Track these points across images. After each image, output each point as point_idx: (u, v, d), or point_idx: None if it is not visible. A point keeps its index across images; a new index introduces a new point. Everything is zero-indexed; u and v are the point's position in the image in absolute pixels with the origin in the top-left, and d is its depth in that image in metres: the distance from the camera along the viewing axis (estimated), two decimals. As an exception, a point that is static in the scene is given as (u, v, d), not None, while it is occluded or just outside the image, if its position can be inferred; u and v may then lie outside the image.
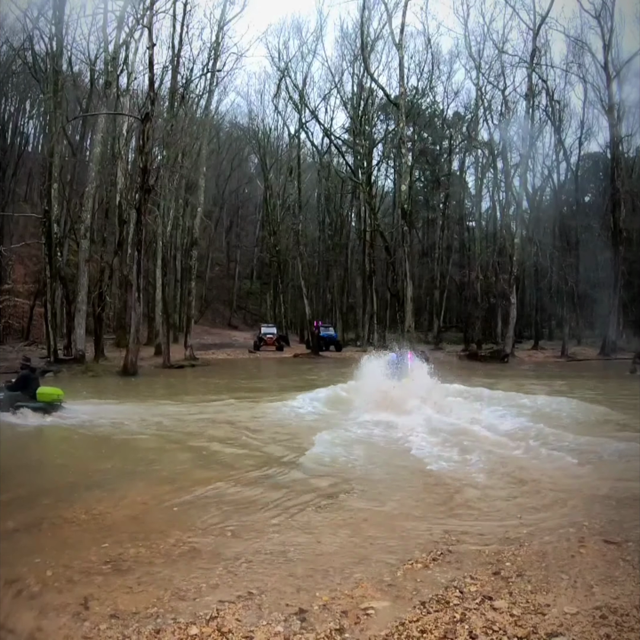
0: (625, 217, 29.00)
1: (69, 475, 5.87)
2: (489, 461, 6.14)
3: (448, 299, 40.74)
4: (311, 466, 6.04)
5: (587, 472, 5.70)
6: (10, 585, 3.10)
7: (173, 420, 9.25)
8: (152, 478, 5.67)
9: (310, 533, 4.05)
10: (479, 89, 33.43)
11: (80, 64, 28.21)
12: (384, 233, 32.54)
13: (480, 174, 38.17)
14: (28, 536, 3.97)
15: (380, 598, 2.94)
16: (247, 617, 2.75)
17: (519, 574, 3.19)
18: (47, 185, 20.58)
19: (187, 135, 24.80)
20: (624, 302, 30.06)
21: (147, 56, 19.23)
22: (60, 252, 20.55)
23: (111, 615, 2.77)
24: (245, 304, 50.38)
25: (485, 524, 4.20)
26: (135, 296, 18.79)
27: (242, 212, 54.15)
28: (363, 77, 34.93)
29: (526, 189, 32.47)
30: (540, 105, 32.04)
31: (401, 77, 28.52)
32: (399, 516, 4.44)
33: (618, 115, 29.86)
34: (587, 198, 42.38)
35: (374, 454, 6.75)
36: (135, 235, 19.77)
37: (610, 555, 3.41)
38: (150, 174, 19.04)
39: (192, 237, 27.17)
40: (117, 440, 7.73)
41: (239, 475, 5.76)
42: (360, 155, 35.11)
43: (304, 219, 38.39)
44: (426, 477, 5.64)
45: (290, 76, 35.48)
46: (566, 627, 2.58)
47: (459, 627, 2.62)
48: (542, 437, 7.27)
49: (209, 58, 27.23)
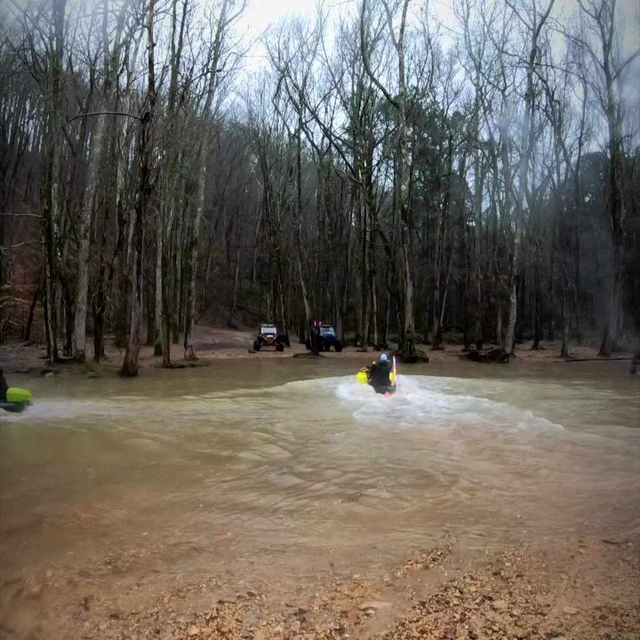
0: (625, 217, 29.02)
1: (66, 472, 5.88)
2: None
3: (448, 299, 40.75)
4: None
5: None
6: (10, 586, 3.10)
7: (177, 416, 9.26)
8: (153, 477, 5.68)
9: (310, 533, 4.06)
10: (479, 89, 33.49)
11: (80, 63, 28.25)
12: (384, 233, 32.56)
13: (480, 174, 38.24)
14: (28, 536, 3.97)
15: (380, 598, 2.94)
16: (247, 617, 2.75)
17: (518, 574, 3.19)
18: (47, 185, 20.56)
19: (187, 135, 24.80)
20: (624, 302, 30.05)
21: (147, 56, 19.24)
22: (60, 252, 20.53)
23: (111, 616, 2.77)
24: (245, 304, 50.43)
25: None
26: (135, 296, 18.80)
27: (242, 212, 54.19)
28: (363, 77, 35.04)
29: (526, 189, 32.51)
30: (540, 105, 32.12)
31: (401, 77, 28.56)
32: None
33: (618, 115, 29.90)
34: (587, 198, 42.43)
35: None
36: (135, 235, 19.77)
37: (610, 556, 3.41)
38: (150, 174, 19.04)
39: (192, 237, 27.19)
40: (120, 438, 7.74)
41: (238, 475, 5.77)
42: (360, 155, 35.15)
43: (304, 219, 38.39)
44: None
45: (290, 76, 35.57)
46: (566, 627, 2.58)
47: (458, 627, 2.62)
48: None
49: (209, 58, 27.28)
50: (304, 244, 36.60)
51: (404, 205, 28.08)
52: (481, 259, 34.76)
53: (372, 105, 37.09)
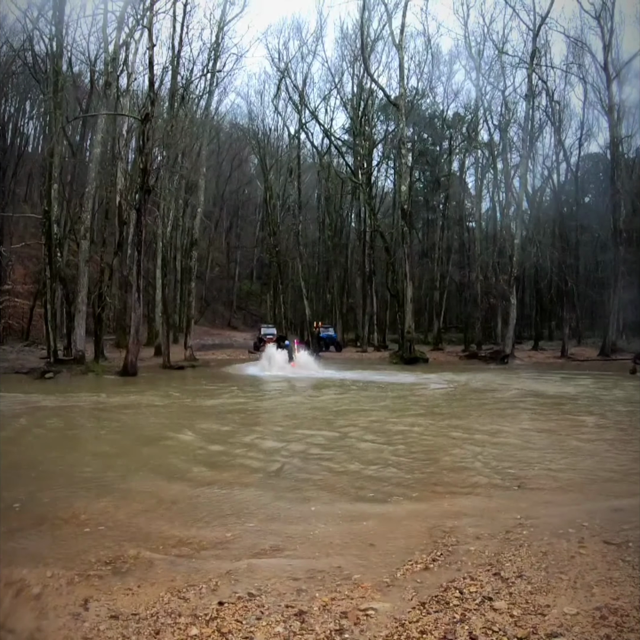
0: (625, 217, 29.00)
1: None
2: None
3: (448, 299, 40.71)
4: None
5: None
6: (10, 586, 3.10)
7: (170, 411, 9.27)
8: (153, 476, 5.68)
9: (310, 535, 4.06)
10: (479, 89, 33.44)
11: (81, 64, 28.33)
12: (383, 234, 32.54)
13: (480, 174, 38.24)
14: (28, 536, 3.97)
15: (380, 599, 2.94)
16: (247, 617, 2.75)
17: (518, 575, 3.19)
18: (47, 186, 20.56)
19: (187, 135, 24.82)
20: (624, 303, 30.04)
21: (147, 57, 19.27)
22: (60, 253, 20.53)
23: (111, 616, 2.77)
24: (245, 305, 50.43)
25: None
26: (135, 297, 18.81)
27: (242, 212, 54.19)
28: (363, 77, 34.97)
29: (526, 190, 32.47)
30: (540, 106, 32.09)
31: (401, 78, 28.52)
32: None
33: (618, 115, 29.89)
34: (587, 199, 42.40)
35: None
36: (135, 236, 19.78)
37: (610, 556, 3.41)
38: (150, 174, 19.06)
39: (192, 237, 27.19)
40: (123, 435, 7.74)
41: (235, 475, 5.77)
42: (360, 155, 35.14)
43: (304, 219, 38.42)
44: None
45: (290, 77, 35.57)
46: (566, 627, 2.58)
47: (458, 627, 2.62)
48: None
49: (208, 58, 27.28)
50: (304, 245, 36.60)
51: (403, 206, 28.07)
52: (481, 260, 34.73)
53: (372, 106, 37.05)
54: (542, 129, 34.33)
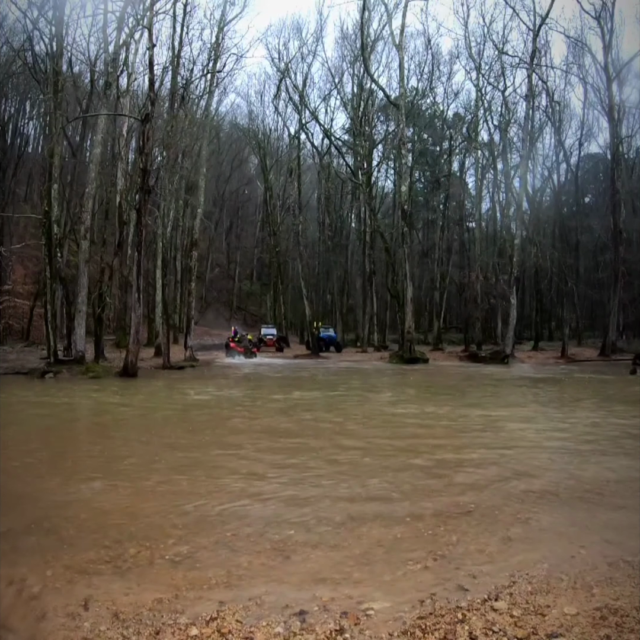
0: (625, 218, 29.04)
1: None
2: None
3: (448, 299, 40.72)
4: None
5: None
6: (10, 586, 3.10)
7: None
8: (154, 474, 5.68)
9: (310, 533, 4.06)
10: (479, 89, 33.49)
11: (81, 64, 28.26)
12: (384, 234, 32.54)
13: (481, 175, 38.25)
14: (28, 536, 3.97)
15: (380, 599, 2.94)
16: (247, 618, 2.75)
17: (518, 575, 3.19)
18: (47, 186, 20.54)
19: (187, 136, 24.82)
20: (624, 303, 30.06)
21: (147, 57, 19.21)
22: (60, 253, 20.51)
23: (111, 616, 2.77)
24: (245, 305, 50.42)
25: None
26: (135, 297, 18.78)
27: (242, 213, 54.21)
28: (363, 78, 34.99)
29: (526, 190, 32.47)
30: (540, 106, 32.16)
31: (401, 78, 28.50)
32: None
33: (618, 116, 29.93)
34: (587, 199, 42.47)
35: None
36: (135, 236, 19.77)
37: (610, 556, 3.41)
38: (150, 174, 19.04)
39: (192, 238, 27.16)
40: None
41: (232, 475, 5.78)
42: (360, 156, 35.15)
43: (304, 220, 38.36)
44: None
45: (290, 77, 35.51)
46: (566, 628, 2.58)
47: (459, 627, 2.62)
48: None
49: (209, 59, 27.23)
50: (304, 245, 36.54)
51: (403, 206, 28.06)
52: (481, 260, 34.74)
53: (372, 106, 37.05)
54: (542, 129, 34.43)
